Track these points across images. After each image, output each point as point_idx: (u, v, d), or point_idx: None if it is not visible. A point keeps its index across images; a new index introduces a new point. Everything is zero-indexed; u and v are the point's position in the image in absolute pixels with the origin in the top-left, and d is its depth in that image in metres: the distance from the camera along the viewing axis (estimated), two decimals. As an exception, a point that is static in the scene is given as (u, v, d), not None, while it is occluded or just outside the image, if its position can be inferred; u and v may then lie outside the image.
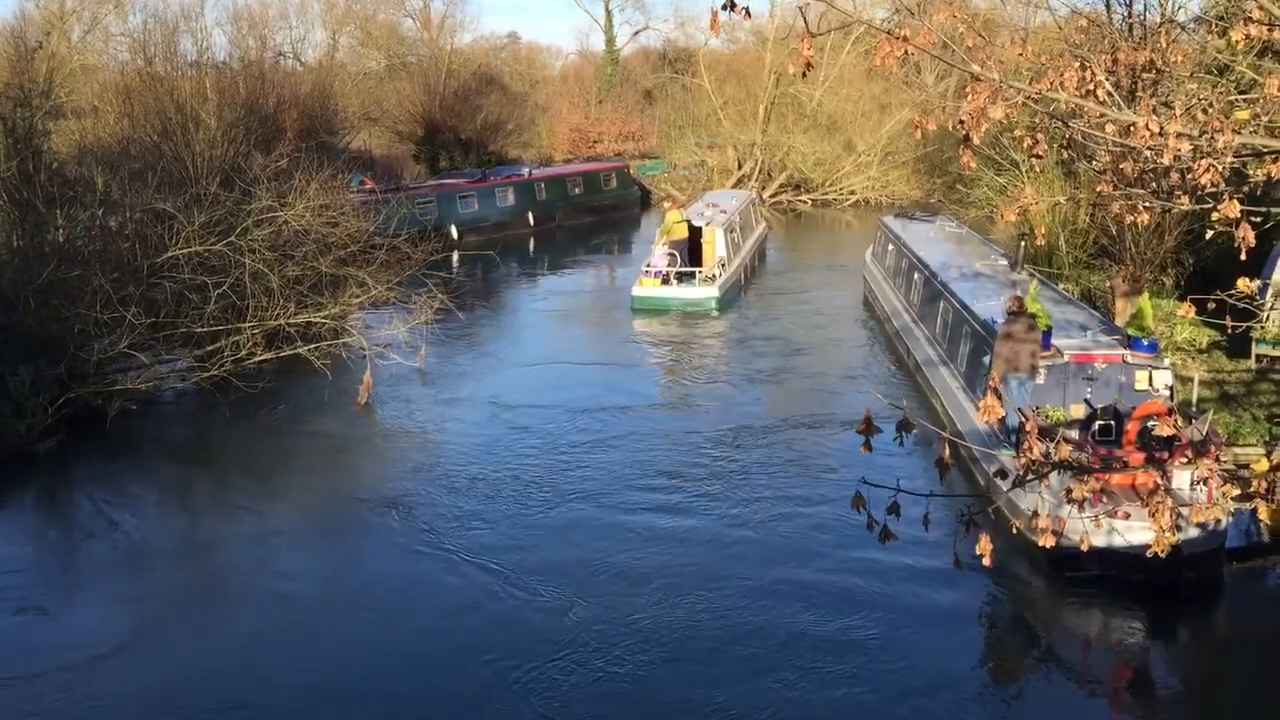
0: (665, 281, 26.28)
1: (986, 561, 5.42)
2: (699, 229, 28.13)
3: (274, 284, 19.73)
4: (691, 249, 27.99)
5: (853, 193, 45.50)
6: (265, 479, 15.75)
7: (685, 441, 16.71)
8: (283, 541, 13.60)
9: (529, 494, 14.65)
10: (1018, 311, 14.20)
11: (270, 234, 20.56)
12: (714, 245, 27.71)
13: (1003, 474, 6.64)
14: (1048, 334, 14.48)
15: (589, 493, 14.62)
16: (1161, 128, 5.21)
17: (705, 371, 21.04)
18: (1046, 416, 13.73)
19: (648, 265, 26.82)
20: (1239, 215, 5.25)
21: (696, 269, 26.84)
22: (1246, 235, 5.22)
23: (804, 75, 5.26)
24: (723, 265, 27.27)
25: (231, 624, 11.59)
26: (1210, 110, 5.58)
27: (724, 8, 4.81)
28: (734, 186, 43.94)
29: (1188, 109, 5.66)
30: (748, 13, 4.91)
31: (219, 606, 12.06)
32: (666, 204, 29.11)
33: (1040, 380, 14.15)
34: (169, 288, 18.84)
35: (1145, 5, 24.25)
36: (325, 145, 34.58)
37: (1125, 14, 24.03)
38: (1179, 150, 5.17)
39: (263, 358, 19.61)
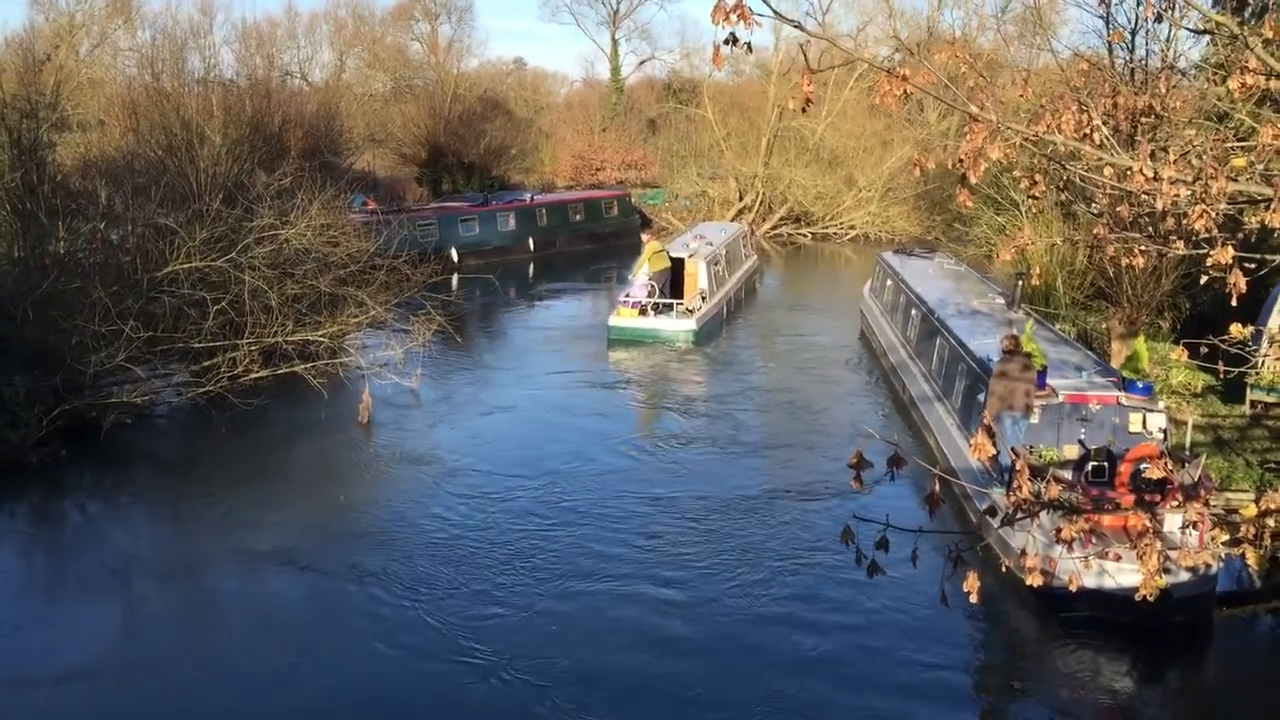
0: (643, 312, 26.05)
1: (974, 599, 5.43)
2: (681, 260, 27.90)
3: (273, 301, 19.76)
4: (675, 281, 27.73)
5: (853, 227, 45.66)
6: (256, 498, 15.66)
7: (669, 487, 16.67)
8: (270, 564, 13.41)
9: (521, 540, 14.15)
10: (1013, 350, 14.23)
11: (271, 252, 20.60)
12: (696, 277, 27.53)
13: (992, 512, 6.65)
14: (1043, 373, 14.50)
15: (570, 554, 13.70)
16: (1156, 173, 5.26)
17: (693, 414, 20.22)
18: (1040, 456, 13.74)
19: (626, 295, 26.58)
20: (1231, 261, 5.30)
21: (677, 301, 26.58)
22: (1238, 281, 5.27)
23: (804, 110, 5.31)
24: (704, 298, 27.09)
25: (213, 645, 11.53)
26: (1204, 156, 5.64)
27: (726, 42, 4.87)
28: (734, 217, 44.08)
29: (1183, 154, 5.72)
30: (749, 47, 4.96)
31: (202, 627, 11.99)
32: (645, 235, 28.71)
33: (1035, 419, 14.17)
34: (168, 302, 18.87)
35: (1147, 51, 24.48)
36: (329, 165, 34.74)
37: (1127, 59, 24.24)
38: (1173, 196, 5.23)
39: (259, 375, 19.62)
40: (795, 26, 5.18)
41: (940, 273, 24.81)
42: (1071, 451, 13.85)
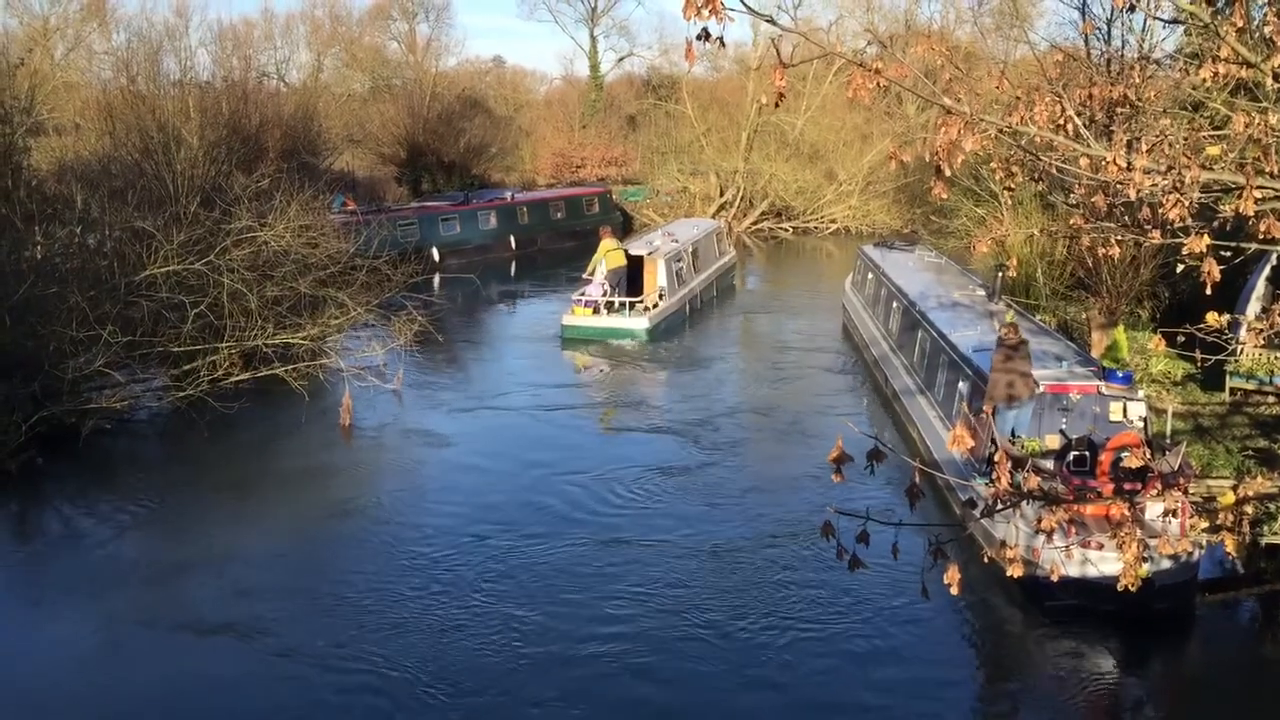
0: (596, 311, 26.03)
1: (954, 591, 5.43)
2: (640, 258, 27.73)
3: (252, 304, 19.64)
4: (636, 279, 27.50)
5: (833, 221, 45.74)
6: (237, 501, 15.60)
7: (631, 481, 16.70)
8: (252, 568, 13.32)
9: (499, 545, 14.01)
10: (1001, 340, 14.24)
11: (250, 254, 20.49)
12: (655, 276, 27.37)
13: (972, 504, 6.69)
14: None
15: (549, 595, 12.87)
16: (1130, 163, 5.27)
17: (670, 420, 19.82)
18: (1022, 446, 13.79)
19: (580, 294, 26.52)
20: (1205, 250, 5.32)
21: (635, 299, 26.44)
22: (1212, 270, 5.28)
23: (777, 105, 5.30)
24: (662, 296, 27.00)
25: (194, 651, 11.42)
26: (1178, 145, 5.65)
27: (698, 37, 4.85)
28: (715, 213, 44.09)
29: (1155, 144, 5.73)
30: (721, 42, 4.95)
31: (183, 632, 11.84)
32: (602, 232, 28.44)
33: (1028, 409, 14.16)
34: (146, 306, 18.74)
35: (1123, 41, 24.61)
36: (307, 166, 34.56)
37: (1103, 49, 24.35)
38: (1143, 186, 5.24)
39: (239, 378, 19.51)
40: (767, 20, 5.17)
41: (921, 265, 24.87)
42: (1053, 441, 13.90)
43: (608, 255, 26.87)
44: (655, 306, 26.50)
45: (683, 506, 15.20)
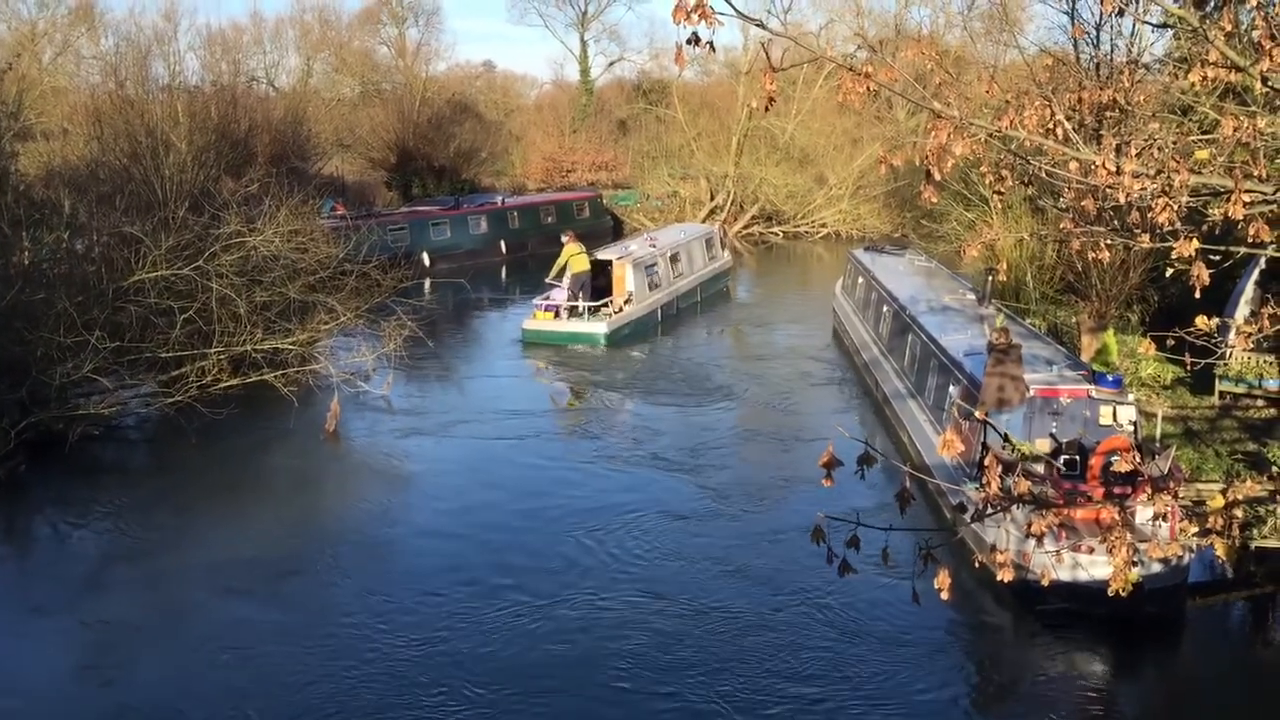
0: (556, 316, 26.06)
1: (944, 595, 5.42)
2: (608, 262, 27.59)
3: (241, 309, 19.55)
4: (608, 283, 27.43)
5: (824, 225, 45.80)
6: (226, 508, 15.49)
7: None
8: (241, 575, 13.20)
9: (491, 551, 13.99)
10: (991, 345, 14.23)
11: (239, 259, 20.39)
12: (623, 281, 27.25)
13: (963, 508, 6.70)
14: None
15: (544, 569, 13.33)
16: (1119, 167, 5.27)
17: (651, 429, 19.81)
18: (1013, 450, 13.78)
19: (544, 298, 26.52)
20: (1194, 254, 5.32)
21: (599, 304, 26.39)
22: (1201, 274, 5.29)
23: (766, 109, 5.30)
24: (629, 301, 26.91)
25: (183, 658, 11.33)
26: (1167, 150, 5.65)
27: (688, 41, 4.84)
28: (706, 217, 44.12)
29: (1145, 148, 5.74)
30: (712, 46, 4.94)
31: (166, 642, 11.75)
32: (565, 237, 28.22)
33: (1019, 413, 14.15)
34: (134, 312, 18.65)
35: (1112, 45, 24.70)
36: (297, 170, 34.46)
37: (1092, 54, 24.44)
38: (1132, 189, 5.24)
39: (228, 384, 19.44)
40: (757, 25, 5.16)
41: (911, 269, 24.89)
42: (1043, 445, 13.90)
43: (572, 259, 26.72)
44: (619, 311, 26.44)
45: (662, 517, 15.20)
